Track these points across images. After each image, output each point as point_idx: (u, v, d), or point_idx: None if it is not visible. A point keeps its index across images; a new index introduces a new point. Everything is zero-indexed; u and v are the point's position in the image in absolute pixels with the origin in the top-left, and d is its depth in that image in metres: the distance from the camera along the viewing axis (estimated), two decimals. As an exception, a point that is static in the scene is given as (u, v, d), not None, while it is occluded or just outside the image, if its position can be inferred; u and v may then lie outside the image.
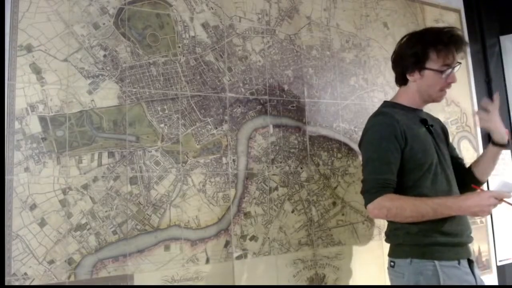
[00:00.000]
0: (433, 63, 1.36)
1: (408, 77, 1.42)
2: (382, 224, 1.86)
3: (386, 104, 1.51)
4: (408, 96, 1.45)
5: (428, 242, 1.31)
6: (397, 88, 1.46)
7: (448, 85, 1.40)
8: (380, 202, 1.30)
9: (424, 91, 1.41)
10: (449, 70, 1.36)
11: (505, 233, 2.33)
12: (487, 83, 2.48)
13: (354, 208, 1.80)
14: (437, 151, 1.40)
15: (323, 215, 1.72)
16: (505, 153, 2.46)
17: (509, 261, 2.32)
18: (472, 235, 1.40)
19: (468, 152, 2.26)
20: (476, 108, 2.34)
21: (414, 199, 1.30)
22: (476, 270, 1.37)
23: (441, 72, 1.36)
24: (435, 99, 1.44)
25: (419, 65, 1.38)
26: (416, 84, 1.42)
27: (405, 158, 1.34)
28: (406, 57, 1.41)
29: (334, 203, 1.75)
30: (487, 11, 2.56)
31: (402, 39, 1.46)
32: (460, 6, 2.42)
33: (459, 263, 1.32)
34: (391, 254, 1.41)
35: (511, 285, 2.30)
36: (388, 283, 1.44)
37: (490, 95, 2.47)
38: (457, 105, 2.25)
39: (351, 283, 1.73)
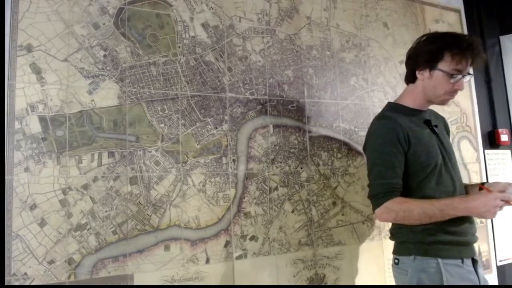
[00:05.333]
0: (445, 65, 1.35)
1: (418, 74, 1.41)
2: (382, 224, 1.86)
3: (389, 106, 1.51)
4: (413, 97, 1.45)
5: (432, 240, 1.32)
6: (397, 87, 1.45)
7: (455, 91, 1.39)
8: (387, 207, 1.32)
9: (430, 91, 1.40)
10: (459, 77, 1.35)
11: (505, 233, 2.33)
12: (487, 83, 2.48)
13: (354, 208, 1.80)
14: (441, 151, 1.41)
15: (323, 215, 1.72)
16: (505, 153, 2.46)
17: (509, 261, 2.32)
18: (477, 234, 1.41)
19: (468, 152, 2.26)
20: (476, 108, 2.34)
21: (421, 201, 1.31)
22: (480, 270, 1.38)
23: (451, 76, 1.35)
24: (439, 102, 1.43)
25: (431, 64, 1.37)
26: (423, 83, 1.41)
27: (409, 160, 1.35)
28: (421, 53, 1.40)
29: (334, 203, 1.75)
30: (487, 11, 2.56)
31: (422, 37, 1.45)
32: (460, 6, 2.42)
33: (462, 262, 1.33)
34: (395, 251, 1.42)
35: (511, 285, 2.30)
36: (387, 283, 1.44)
37: (490, 95, 2.47)
38: (457, 105, 2.25)
39: (351, 283, 1.73)
